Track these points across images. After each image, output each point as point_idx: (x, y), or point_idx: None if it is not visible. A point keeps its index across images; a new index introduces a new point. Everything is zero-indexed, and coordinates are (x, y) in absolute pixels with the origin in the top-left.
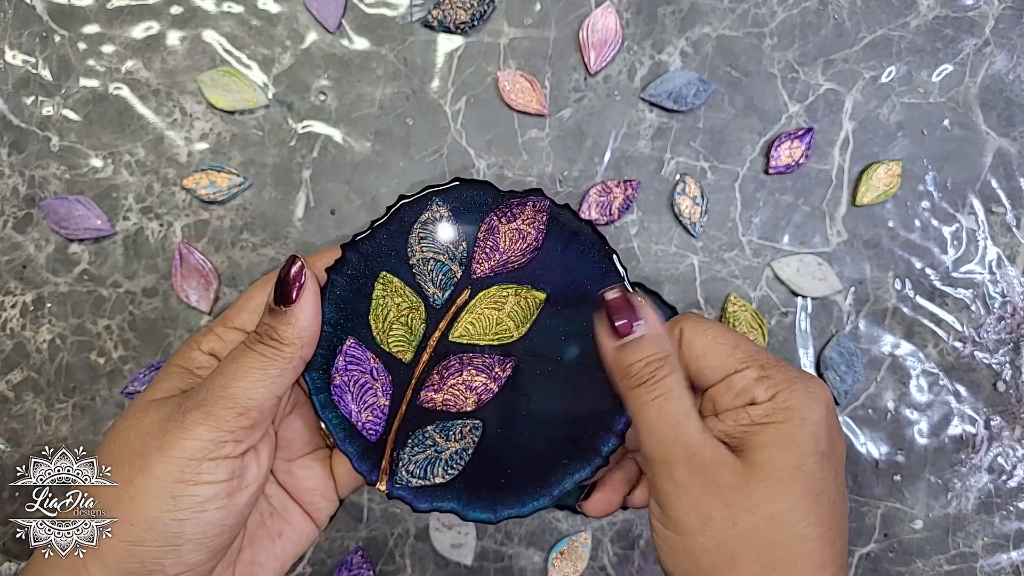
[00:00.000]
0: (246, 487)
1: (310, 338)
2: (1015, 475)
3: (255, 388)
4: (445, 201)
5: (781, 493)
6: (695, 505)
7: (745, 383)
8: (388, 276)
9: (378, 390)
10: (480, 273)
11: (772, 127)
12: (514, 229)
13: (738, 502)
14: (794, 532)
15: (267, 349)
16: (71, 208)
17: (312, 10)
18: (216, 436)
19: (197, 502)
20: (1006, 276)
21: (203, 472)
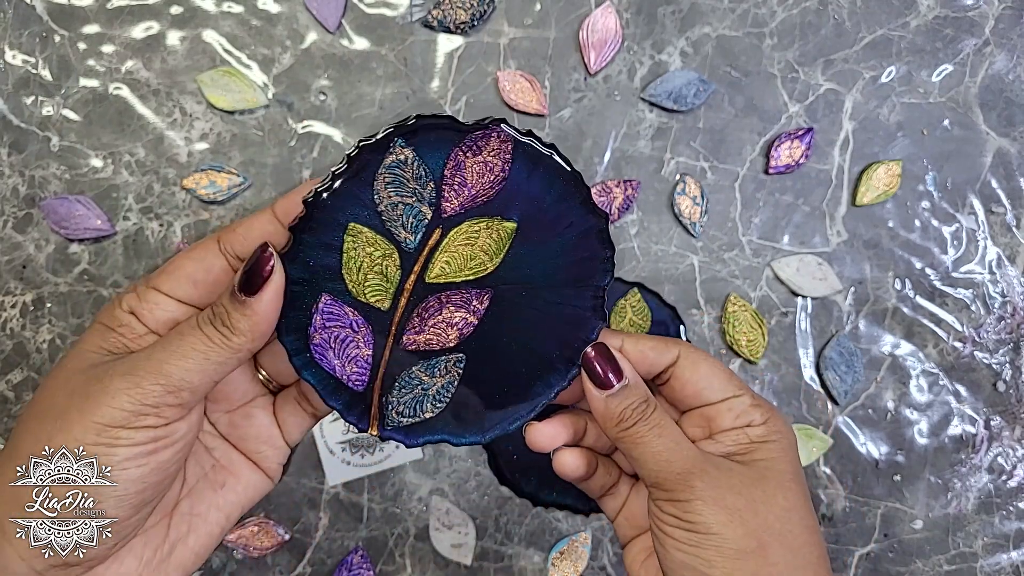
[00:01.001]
0: (171, 445)
1: (263, 333)
2: (1015, 475)
3: (192, 371)
4: (407, 141)
5: (788, 492)
6: (720, 503)
7: (744, 407)
8: (357, 227)
9: (359, 341)
10: (450, 211)
11: (772, 127)
12: (480, 162)
13: (756, 497)
14: (804, 523)
15: (216, 335)
16: (71, 208)
17: (312, 10)
18: (138, 408)
19: (115, 461)
20: (1006, 276)
21: (121, 437)
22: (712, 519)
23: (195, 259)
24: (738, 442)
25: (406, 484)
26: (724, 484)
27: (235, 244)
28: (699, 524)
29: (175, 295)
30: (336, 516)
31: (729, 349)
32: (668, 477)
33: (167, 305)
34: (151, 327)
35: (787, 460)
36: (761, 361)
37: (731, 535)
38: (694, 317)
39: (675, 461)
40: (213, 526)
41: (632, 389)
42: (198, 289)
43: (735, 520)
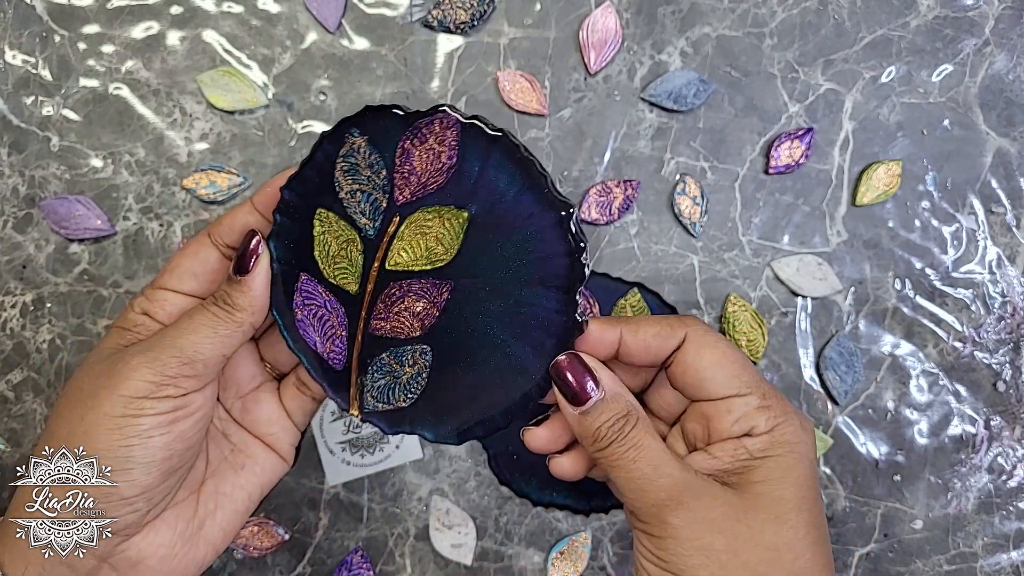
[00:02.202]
0: (190, 415)
1: (260, 306)
2: (1015, 475)
3: (203, 343)
4: (360, 131)
5: (784, 525)
6: (694, 541)
7: (747, 409)
8: (323, 212)
9: (335, 321)
10: (403, 199)
11: (772, 127)
12: (427, 149)
13: (740, 534)
14: (797, 564)
15: (220, 311)
16: (71, 208)
17: (312, 10)
18: (158, 379)
19: (142, 430)
20: (1006, 276)
21: (145, 408)
22: (685, 562)
23: (191, 255)
24: (736, 457)
25: (406, 484)
26: (703, 517)
27: (224, 235)
28: (671, 564)
29: (180, 289)
30: (336, 516)
31: None
32: (642, 508)
33: (174, 300)
34: (163, 321)
35: (791, 482)
36: (761, 361)
37: (700, 562)
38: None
39: (649, 491)
40: (238, 503)
41: (609, 403)
42: (199, 280)
43: (711, 563)
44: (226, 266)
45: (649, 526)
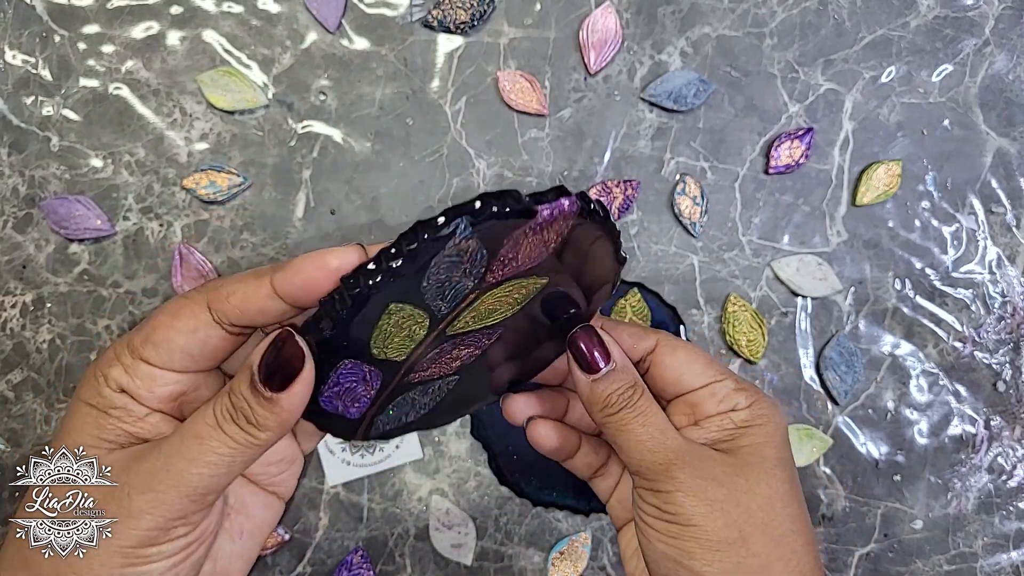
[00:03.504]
0: (204, 543)
1: (290, 426)
2: (1015, 475)
3: (217, 476)
4: (473, 230)
5: (773, 479)
6: (700, 494)
7: (727, 391)
8: (397, 306)
9: (368, 388)
10: (492, 280)
11: (772, 127)
12: (539, 240)
13: (738, 486)
14: (788, 511)
15: (240, 434)
16: (71, 208)
17: (312, 10)
18: (165, 524)
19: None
20: (1006, 276)
21: (151, 554)
22: (692, 510)
23: (185, 331)
24: (723, 428)
25: (406, 484)
26: (706, 474)
27: (229, 314)
28: (679, 515)
29: (170, 368)
30: (336, 516)
31: (729, 349)
32: (650, 467)
33: (164, 379)
34: (152, 406)
35: (773, 445)
36: (761, 361)
37: (712, 526)
38: (694, 317)
39: (657, 451)
40: (237, 574)
41: (619, 373)
42: (195, 362)
43: (716, 511)
44: (230, 345)
45: (656, 482)
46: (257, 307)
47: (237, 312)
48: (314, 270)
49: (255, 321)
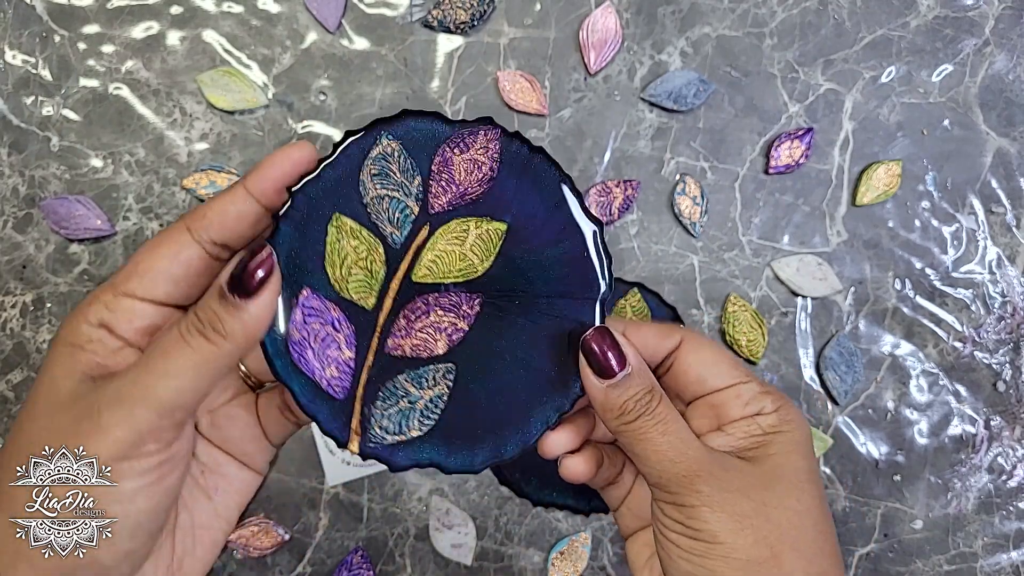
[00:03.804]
0: (176, 467)
1: (257, 338)
2: (1015, 475)
3: (186, 390)
4: (394, 134)
5: (803, 493)
6: (727, 508)
7: (752, 393)
8: (341, 217)
9: (341, 342)
10: (437, 208)
11: (772, 127)
12: (468, 159)
13: (768, 500)
14: (819, 529)
15: (206, 346)
16: (71, 208)
17: (312, 10)
18: (135, 438)
19: (124, 495)
20: (1006, 276)
21: (123, 469)
22: (719, 527)
23: (168, 255)
24: (750, 434)
25: (406, 484)
26: (733, 487)
27: (209, 229)
28: (705, 532)
29: (152, 297)
30: (336, 516)
31: (729, 349)
32: (672, 479)
33: (143, 311)
34: (128, 338)
35: (801, 454)
36: (761, 361)
37: (741, 543)
38: (694, 317)
39: (680, 462)
40: (217, 532)
41: (636, 378)
42: (177, 286)
43: (745, 527)
44: (212, 268)
45: (679, 496)
46: (235, 214)
47: (217, 225)
48: (279, 162)
49: (235, 231)
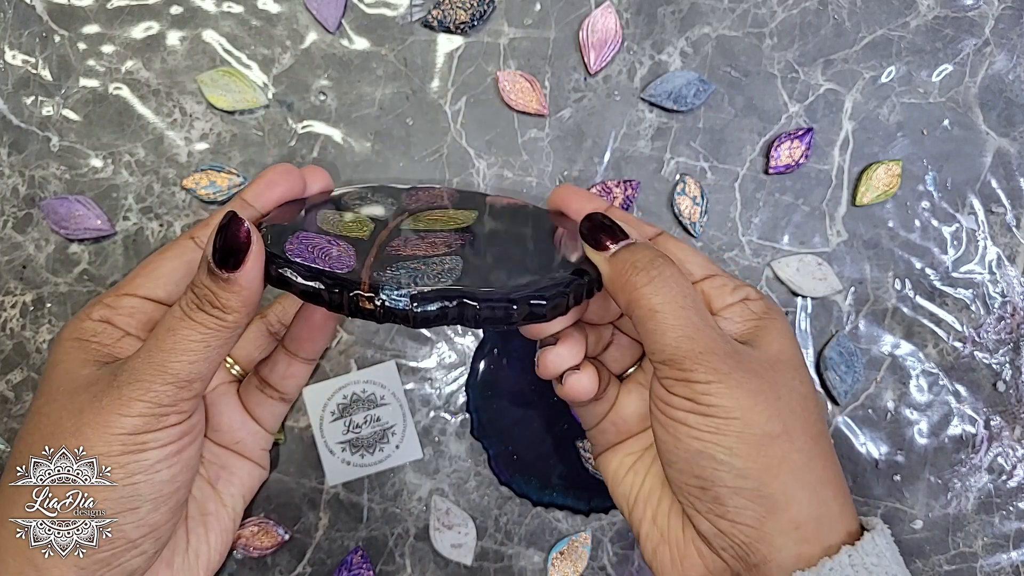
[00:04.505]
0: (195, 439)
1: (255, 303)
2: (1015, 475)
3: (199, 362)
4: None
5: (804, 377)
6: (743, 386)
7: (733, 284)
8: (327, 213)
9: (341, 252)
10: (411, 205)
11: (772, 127)
12: (431, 194)
13: (777, 381)
14: (819, 411)
15: (208, 319)
16: (71, 208)
17: (312, 10)
18: (157, 411)
19: (148, 465)
20: (1006, 276)
21: (148, 441)
22: (733, 403)
23: (173, 258)
24: (745, 318)
25: (406, 484)
26: (745, 367)
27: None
28: (719, 408)
29: (154, 296)
30: (336, 516)
31: None
32: (687, 355)
33: (143, 307)
34: (129, 330)
35: (792, 340)
36: None
37: (756, 419)
38: None
39: (696, 339)
40: (226, 521)
41: (640, 246)
42: (180, 286)
43: (758, 403)
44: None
45: (693, 372)
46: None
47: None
48: (272, 175)
49: None
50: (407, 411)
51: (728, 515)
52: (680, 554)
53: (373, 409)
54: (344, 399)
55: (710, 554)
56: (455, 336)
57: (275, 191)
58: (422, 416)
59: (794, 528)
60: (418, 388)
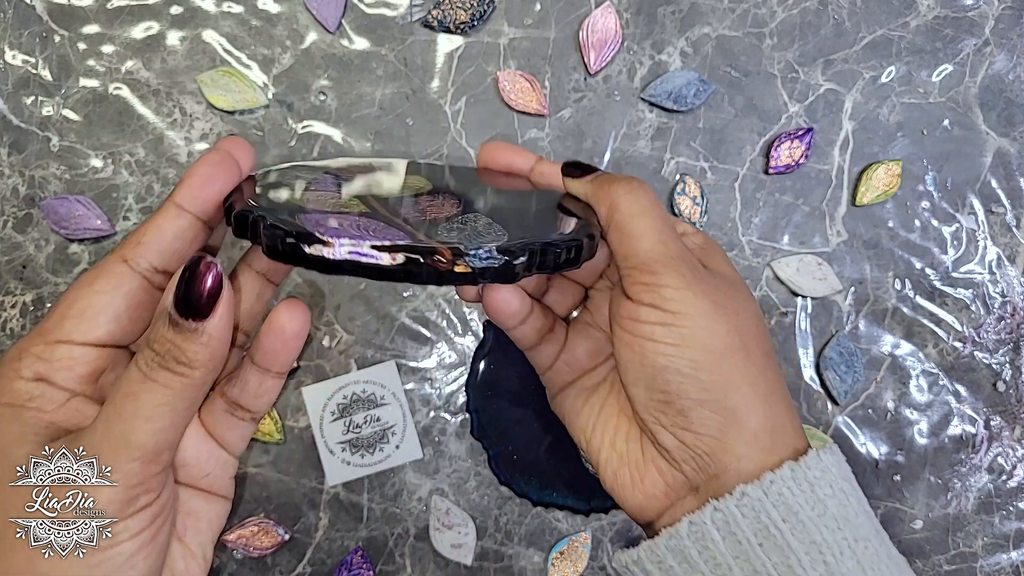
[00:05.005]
0: (167, 519)
1: (225, 356)
2: (1015, 475)
3: (164, 430)
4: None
5: (752, 298)
6: (707, 296)
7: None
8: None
9: (368, 225)
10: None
11: (772, 127)
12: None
13: (736, 297)
14: (767, 331)
15: (173, 379)
16: (71, 208)
17: (312, 10)
18: (128, 495)
19: (121, 561)
20: (1006, 276)
21: (119, 532)
22: (697, 311)
23: (107, 290)
24: (693, 242)
25: (406, 484)
26: (708, 281)
27: (148, 257)
28: (683, 316)
29: (93, 340)
30: (336, 516)
31: None
32: (659, 258)
33: (84, 356)
34: (72, 388)
35: (735, 269)
36: None
37: (718, 329)
38: None
39: (670, 244)
40: (197, 572)
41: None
42: (120, 323)
43: (720, 315)
44: (156, 299)
45: (662, 276)
46: (172, 234)
47: (155, 249)
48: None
49: (176, 253)
50: (407, 411)
51: (692, 427)
52: (640, 474)
53: (373, 409)
54: (344, 399)
55: (670, 470)
56: (455, 336)
57: (211, 188)
58: (422, 416)
59: (752, 438)
60: (418, 388)
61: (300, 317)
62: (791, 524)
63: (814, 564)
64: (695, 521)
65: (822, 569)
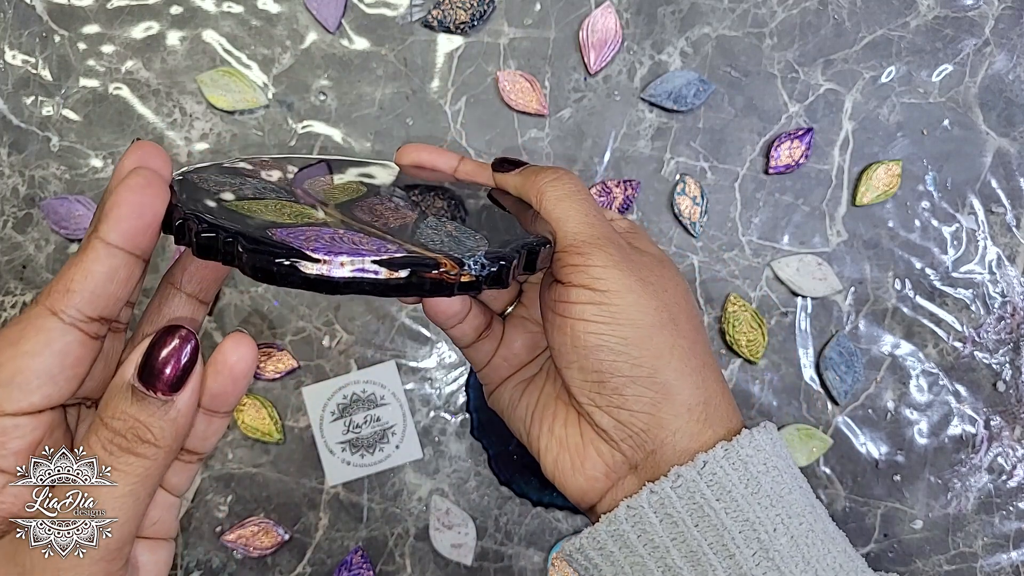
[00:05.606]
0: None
1: (187, 434)
2: (1015, 475)
3: (129, 521)
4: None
5: (679, 275)
6: (635, 273)
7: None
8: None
9: (345, 238)
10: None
11: (772, 127)
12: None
13: (663, 274)
14: (695, 306)
15: (138, 462)
16: (71, 208)
17: (312, 10)
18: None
19: None
20: (1006, 276)
21: None
22: (626, 288)
23: (37, 351)
24: (619, 226)
25: (406, 484)
26: (635, 260)
27: (79, 305)
28: (612, 293)
29: (27, 408)
30: (336, 516)
31: (729, 349)
32: (587, 239)
33: (19, 428)
34: (7, 468)
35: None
36: (761, 361)
37: (646, 305)
38: None
39: (597, 226)
40: None
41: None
42: (59, 385)
43: (648, 292)
44: (94, 350)
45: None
46: (104, 275)
47: (87, 296)
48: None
49: (109, 296)
50: (407, 411)
51: (627, 404)
52: (580, 458)
53: (373, 409)
54: (344, 399)
55: (608, 450)
56: None
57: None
58: (422, 416)
59: (686, 411)
60: (418, 388)
61: (248, 355)
62: (724, 503)
63: (748, 542)
64: (632, 505)
65: (756, 546)
